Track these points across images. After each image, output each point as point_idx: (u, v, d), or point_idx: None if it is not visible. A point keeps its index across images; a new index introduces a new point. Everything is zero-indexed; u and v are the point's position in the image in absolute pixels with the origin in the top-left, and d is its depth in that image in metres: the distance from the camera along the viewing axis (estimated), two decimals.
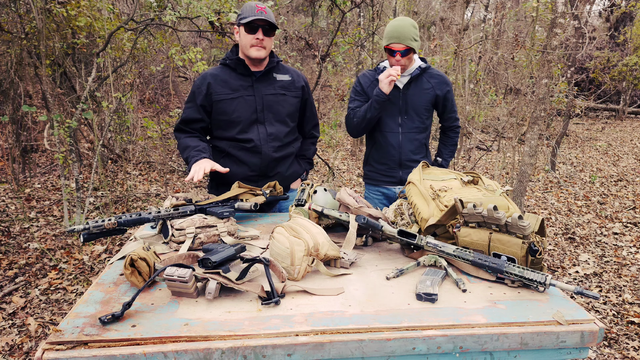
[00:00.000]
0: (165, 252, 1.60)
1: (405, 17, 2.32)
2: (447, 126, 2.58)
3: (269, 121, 2.14)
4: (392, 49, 2.24)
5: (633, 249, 4.24)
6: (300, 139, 2.37)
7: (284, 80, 2.18)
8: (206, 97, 2.09)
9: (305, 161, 2.40)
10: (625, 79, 11.82)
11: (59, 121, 4.03)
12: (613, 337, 2.90)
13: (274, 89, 2.14)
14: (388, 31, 2.26)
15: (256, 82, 2.11)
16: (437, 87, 2.42)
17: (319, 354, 1.11)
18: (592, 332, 1.17)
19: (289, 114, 2.19)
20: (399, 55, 2.24)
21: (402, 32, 2.21)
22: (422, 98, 2.40)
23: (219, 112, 2.11)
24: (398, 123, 2.41)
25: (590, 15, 11.17)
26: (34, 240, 3.98)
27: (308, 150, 2.41)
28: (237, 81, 2.10)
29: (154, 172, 6.33)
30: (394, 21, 2.27)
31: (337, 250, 1.47)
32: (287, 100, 2.18)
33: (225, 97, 2.08)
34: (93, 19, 4.73)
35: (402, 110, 2.40)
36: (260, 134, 2.12)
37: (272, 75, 2.16)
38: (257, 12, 1.97)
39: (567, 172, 7.14)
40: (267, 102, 2.12)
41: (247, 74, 2.11)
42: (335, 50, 5.55)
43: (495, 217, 1.37)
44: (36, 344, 2.71)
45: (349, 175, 6.56)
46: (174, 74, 9.22)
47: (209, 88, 2.08)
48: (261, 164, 2.14)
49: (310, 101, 2.33)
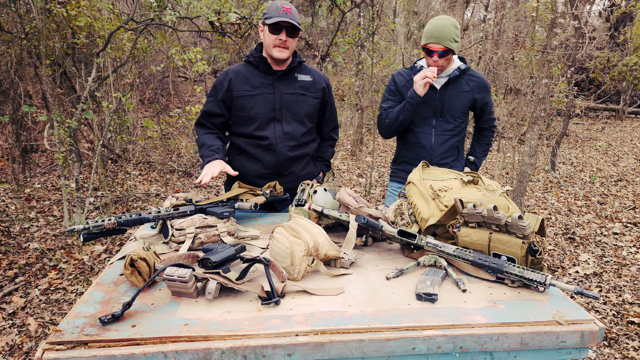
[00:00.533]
0: (165, 252, 1.60)
1: (447, 16, 2.20)
2: (484, 127, 2.52)
3: (286, 120, 2.15)
4: (430, 49, 2.15)
5: (633, 249, 4.24)
6: (318, 140, 2.37)
7: (305, 81, 2.19)
8: (227, 92, 2.13)
9: (323, 163, 2.41)
10: (625, 79, 11.83)
11: (59, 121, 4.03)
12: (613, 337, 2.90)
13: (294, 89, 2.16)
14: (427, 30, 2.16)
15: (277, 81, 2.13)
16: (475, 90, 2.32)
17: (319, 354, 1.11)
18: (592, 332, 1.17)
19: (307, 114, 2.20)
20: (436, 56, 2.15)
21: (441, 32, 2.11)
22: (460, 101, 2.30)
23: (238, 107, 2.14)
24: (432, 125, 2.33)
25: (590, 15, 11.18)
26: (34, 240, 3.98)
27: (326, 152, 2.41)
28: (259, 79, 2.13)
29: (154, 172, 6.33)
30: (434, 19, 2.17)
31: (337, 250, 1.47)
32: (306, 100, 2.18)
33: (245, 93, 2.12)
34: (93, 19, 4.73)
35: (437, 112, 2.30)
36: (276, 132, 2.13)
37: (294, 75, 2.17)
38: (282, 13, 1.98)
39: (567, 172, 7.14)
40: (285, 101, 2.14)
41: (268, 72, 2.13)
42: (335, 50, 5.55)
43: (495, 217, 1.37)
44: (36, 344, 2.71)
45: (349, 175, 6.56)
46: (174, 74, 9.22)
47: (230, 84, 2.12)
48: (275, 162, 2.16)
49: (330, 103, 2.33)
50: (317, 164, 2.36)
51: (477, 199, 1.52)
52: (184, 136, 7.88)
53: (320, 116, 2.32)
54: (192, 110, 5.14)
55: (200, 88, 5.92)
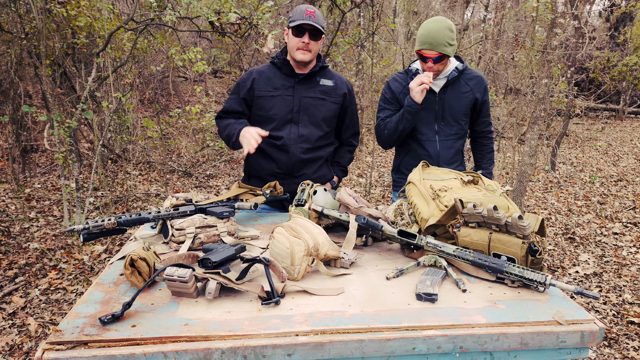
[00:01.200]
0: (165, 252, 1.60)
1: (442, 18, 2.04)
2: (480, 131, 2.37)
3: (303, 123, 2.17)
4: (424, 55, 2.04)
5: (633, 249, 4.24)
6: (335, 144, 2.37)
7: (327, 86, 2.21)
8: (249, 91, 2.17)
9: (339, 168, 2.41)
10: (625, 79, 11.83)
11: (59, 121, 4.03)
12: (613, 337, 2.90)
13: (314, 93, 2.18)
14: (421, 35, 2.03)
15: (298, 84, 2.16)
16: (475, 89, 2.21)
17: (319, 354, 1.11)
18: (592, 332, 1.17)
19: (325, 119, 2.21)
20: (431, 63, 2.04)
21: (435, 37, 1.99)
22: (461, 102, 2.20)
23: (258, 107, 2.18)
24: (435, 130, 2.22)
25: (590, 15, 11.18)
26: (34, 240, 3.98)
27: (343, 157, 2.42)
28: (280, 80, 2.17)
29: (154, 172, 6.33)
30: (427, 23, 2.03)
31: (337, 250, 1.47)
32: (325, 105, 2.20)
33: (266, 93, 2.16)
34: (93, 19, 4.73)
35: (438, 117, 2.20)
36: (291, 133, 2.16)
37: (316, 79, 2.19)
38: (305, 17, 2.00)
39: (567, 172, 7.14)
40: (304, 104, 2.16)
41: (290, 75, 2.16)
42: (335, 50, 5.55)
43: (495, 217, 1.37)
44: (36, 344, 2.71)
45: (349, 175, 6.57)
46: (174, 74, 9.22)
47: (253, 83, 2.17)
48: (288, 162, 2.18)
49: (351, 109, 2.33)
50: (331, 168, 2.37)
51: (477, 199, 1.52)
52: (184, 136, 7.88)
53: (340, 121, 2.33)
54: (192, 110, 5.14)
55: (200, 88, 5.93)
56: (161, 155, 6.67)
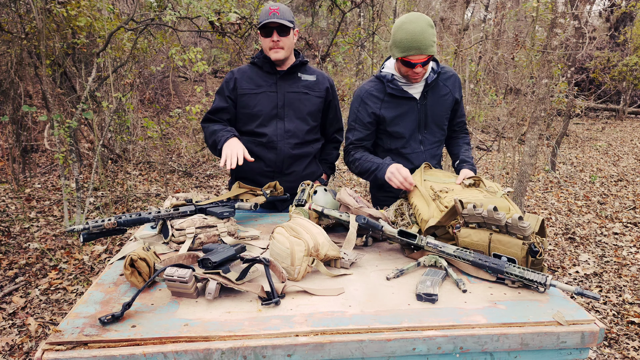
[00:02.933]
0: (165, 252, 1.60)
1: (418, 15, 1.81)
2: (455, 130, 2.23)
3: (289, 117, 2.17)
4: (412, 61, 1.82)
5: (633, 249, 4.24)
6: (322, 140, 2.37)
7: (309, 81, 2.22)
8: (233, 90, 2.18)
9: (327, 166, 2.41)
10: (625, 79, 11.82)
11: (59, 121, 4.03)
12: (613, 337, 2.90)
13: (298, 88, 2.18)
14: (403, 39, 1.79)
15: (280, 80, 2.17)
16: (454, 89, 2.06)
17: (319, 354, 1.11)
18: (592, 333, 1.17)
19: (310, 113, 2.21)
20: (419, 67, 1.84)
21: (421, 41, 1.77)
22: (442, 106, 2.05)
23: (243, 105, 2.18)
24: (419, 140, 2.06)
25: (590, 15, 11.18)
26: (34, 240, 3.98)
27: (330, 154, 2.42)
28: (263, 78, 2.17)
29: (154, 172, 6.33)
30: (407, 25, 1.79)
31: (337, 251, 1.47)
32: (309, 99, 2.20)
33: (249, 91, 2.16)
34: (93, 19, 4.73)
35: (421, 125, 2.04)
36: (277, 129, 2.15)
37: (297, 74, 2.20)
38: (270, 15, 2.01)
39: (567, 172, 7.14)
40: (288, 99, 2.16)
41: (272, 72, 2.17)
42: (335, 50, 5.55)
43: (495, 218, 1.37)
44: (36, 344, 2.71)
45: (349, 175, 6.56)
46: (174, 74, 9.22)
47: (236, 82, 2.17)
48: (276, 160, 2.17)
49: (334, 104, 2.33)
50: (320, 166, 2.37)
51: (477, 200, 1.52)
52: (184, 136, 7.88)
53: (324, 116, 2.32)
54: (192, 110, 5.14)
55: (200, 88, 5.92)
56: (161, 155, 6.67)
